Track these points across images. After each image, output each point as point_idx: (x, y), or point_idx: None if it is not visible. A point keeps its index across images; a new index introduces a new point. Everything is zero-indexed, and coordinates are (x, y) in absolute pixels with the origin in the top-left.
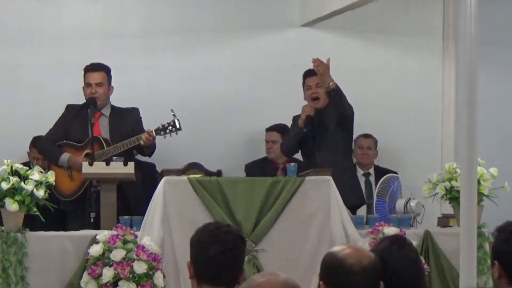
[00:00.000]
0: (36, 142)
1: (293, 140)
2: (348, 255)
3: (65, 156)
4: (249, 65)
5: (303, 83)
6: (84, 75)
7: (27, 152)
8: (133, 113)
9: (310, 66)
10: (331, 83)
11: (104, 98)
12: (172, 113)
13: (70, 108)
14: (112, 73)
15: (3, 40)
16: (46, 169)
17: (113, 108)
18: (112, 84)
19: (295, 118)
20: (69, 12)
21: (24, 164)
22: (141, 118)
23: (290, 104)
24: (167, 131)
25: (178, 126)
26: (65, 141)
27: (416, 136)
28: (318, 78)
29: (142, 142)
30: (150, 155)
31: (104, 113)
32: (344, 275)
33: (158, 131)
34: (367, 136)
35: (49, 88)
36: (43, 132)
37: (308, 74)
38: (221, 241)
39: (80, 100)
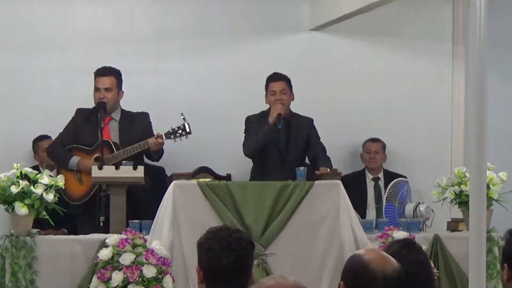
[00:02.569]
0: (49, 147)
1: (264, 139)
2: (373, 261)
3: (74, 159)
4: (259, 69)
5: (267, 86)
6: (95, 79)
7: (34, 156)
8: (143, 117)
9: (320, 69)
10: None
11: (113, 103)
12: (182, 116)
13: (80, 112)
14: (122, 77)
15: (14, 45)
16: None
17: (123, 112)
18: (122, 88)
19: (251, 119)
20: (79, 16)
21: (34, 168)
22: (151, 122)
23: (299, 107)
24: (177, 135)
25: (188, 130)
26: (74, 145)
27: (425, 140)
28: (283, 83)
29: (151, 146)
30: (157, 160)
31: (114, 117)
32: (366, 281)
33: (168, 135)
34: (374, 140)
35: (59, 92)
36: (53, 136)
37: (273, 78)
38: (233, 250)
39: (90, 104)
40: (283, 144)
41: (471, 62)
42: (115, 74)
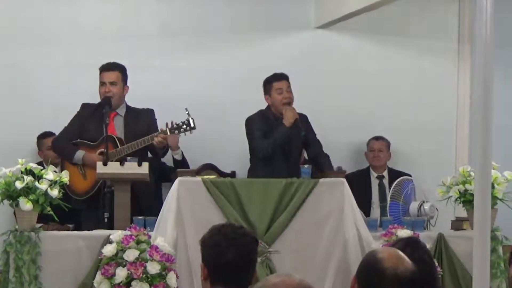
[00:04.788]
0: (54, 141)
1: (282, 142)
2: (386, 259)
3: (80, 154)
4: (265, 66)
5: (268, 86)
6: (100, 74)
7: (38, 152)
8: (148, 114)
9: (325, 67)
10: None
11: (118, 98)
12: (187, 112)
13: (85, 107)
14: (127, 73)
15: (19, 41)
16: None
17: (128, 108)
18: (128, 84)
19: (255, 120)
20: (85, 12)
21: (38, 164)
22: (156, 119)
23: (304, 105)
24: (182, 130)
25: (192, 125)
26: (79, 140)
27: (430, 138)
28: (287, 82)
29: (154, 143)
30: (162, 156)
31: (119, 112)
32: (375, 278)
33: (172, 130)
34: (378, 138)
35: (65, 88)
36: (57, 132)
37: (276, 78)
38: (239, 245)
39: (96, 100)
40: (287, 145)
41: (477, 61)
42: (119, 69)
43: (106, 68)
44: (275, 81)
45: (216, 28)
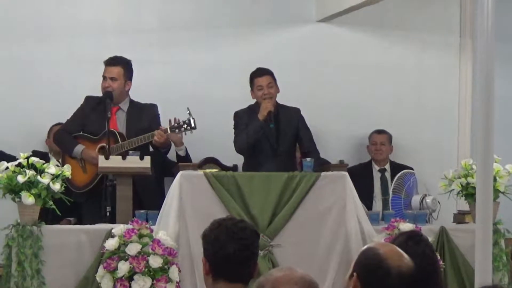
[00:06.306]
0: (56, 133)
1: (255, 136)
2: (389, 256)
3: (79, 148)
4: (266, 60)
5: (251, 82)
6: (104, 68)
7: (46, 140)
8: (151, 109)
9: (327, 61)
10: None
11: (118, 93)
12: (188, 111)
13: (89, 99)
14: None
15: (20, 35)
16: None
17: (132, 102)
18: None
19: (239, 114)
20: (86, 6)
21: (42, 154)
22: (159, 114)
23: (306, 98)
24: (182, 129)
25: (193, 125)
26: (81, 133)
27: (432, 132)
28: (269, 77)
29: (153, 141)
30: (165, 155)
31: (122, 107)
32: (380, 276)
33: (173, 128)
34: (380, 132)
35: (66, 82)
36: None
37: (257, 73)
38: (239, 238)
39: (97, 94)
40: (273, 137)
41: (479, 55)
42: (122, 64)
43: (110, 62)
44: (256, 77)
45: (217, 22)
